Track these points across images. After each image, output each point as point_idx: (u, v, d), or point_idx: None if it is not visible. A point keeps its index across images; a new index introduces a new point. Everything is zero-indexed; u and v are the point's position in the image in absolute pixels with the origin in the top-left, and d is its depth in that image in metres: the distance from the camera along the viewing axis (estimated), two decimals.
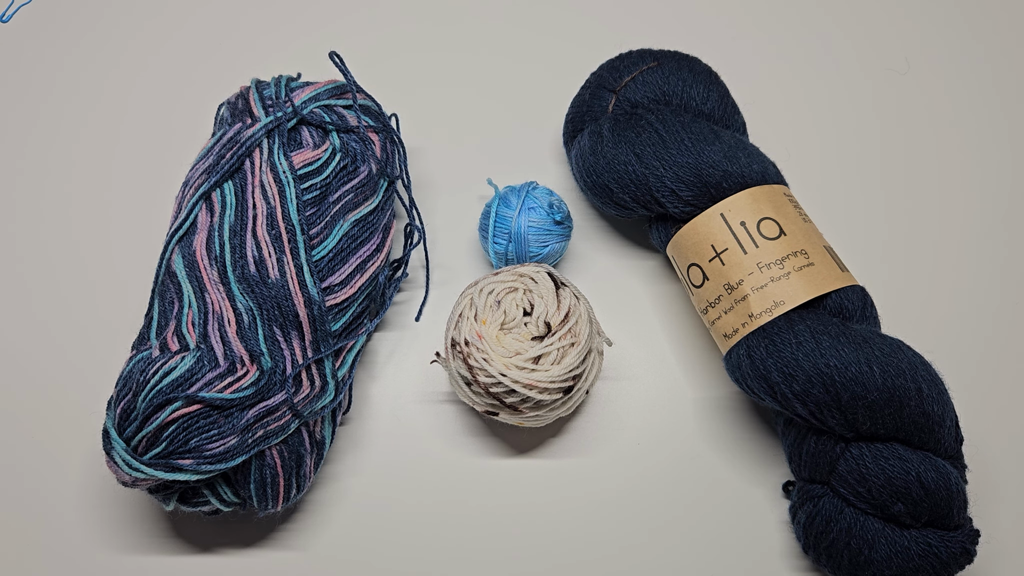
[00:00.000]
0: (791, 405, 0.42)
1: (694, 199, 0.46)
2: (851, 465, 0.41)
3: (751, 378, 0.43)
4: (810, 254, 0.44)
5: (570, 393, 0.44)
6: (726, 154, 0.46)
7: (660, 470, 0.49)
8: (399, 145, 0.52)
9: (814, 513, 0.42)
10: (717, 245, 0.45)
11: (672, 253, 0.48)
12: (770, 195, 0.46)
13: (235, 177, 0.47)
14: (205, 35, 0.63)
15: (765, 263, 0.43)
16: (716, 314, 0.45)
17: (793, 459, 0.45)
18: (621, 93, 0.50)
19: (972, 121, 0.59)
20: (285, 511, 0.47)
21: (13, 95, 0.61)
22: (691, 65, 0.50)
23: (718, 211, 0.45)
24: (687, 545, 0.47)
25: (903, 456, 0.40)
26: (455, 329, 0.45)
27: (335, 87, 0.51)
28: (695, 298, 0.47)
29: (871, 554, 0.41)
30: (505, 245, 0.50)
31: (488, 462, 0.49)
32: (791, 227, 0.45)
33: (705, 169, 0.46)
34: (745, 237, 0.44)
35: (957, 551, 0.40)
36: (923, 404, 0.40)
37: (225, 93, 0.54)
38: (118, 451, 0.41)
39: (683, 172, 0.46)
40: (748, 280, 0.44)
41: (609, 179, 0.48)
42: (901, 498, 0.40)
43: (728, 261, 0.44)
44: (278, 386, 0.43)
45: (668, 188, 0.46)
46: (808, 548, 0.43)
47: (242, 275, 0.44)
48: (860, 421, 0.40)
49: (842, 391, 0.40)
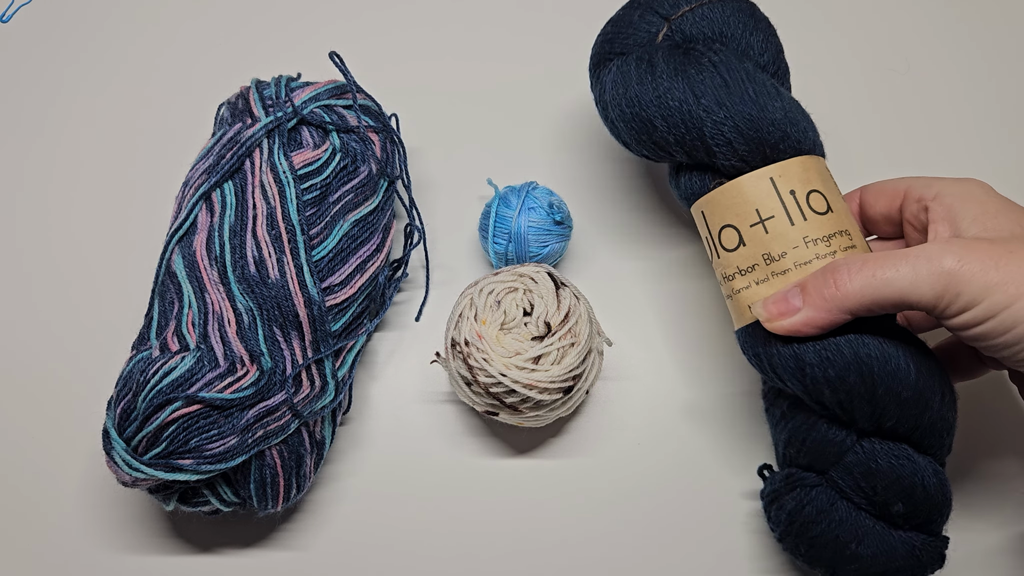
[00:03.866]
0: (819, 390, 0.40)
1: (748, 155, 0.42)
2: (860, 459, 0.40)
3: (778, 356, 0.41)
4: (853, 236, 0.42)
5: (570, 393, 0.44)
6: (787, 115, 0.42)
7: (660, 470, 0.49)
8: (399, 145, 0.52)
9: (805, 502, 0.42)
10: (763, 211, 0.41)
11: (703, 209, 0.44)
12: (818, 167, 0.43)
13: (235, 177, 0.47)
14: (205, 35, 0.63)
15: (812, 238, 0.40)
16: (745, 283, 0.42)
17: (792, 444, 0.43)
18: (675, 23, 0.45)
19: (972, 121, 0.59)
20: (285, 511, 0.47)
21: (13, 95, 0.61)
22: (753, 11, 0.47)
23: (768, 175, 0.42)
24: (687, 545, 0.47)
25: (912, 458, 0.40)
26: (455, 329, 0.45)
27: (335, 87, 0.51)
28: (721, 262, 0.43)
29: (858, 549, 0.40)
30: (505, 245, 0.50)
31: (488, 462, 0.49)
32: (837, 204, 0.42)
33: (766, 126, 0.42)
34: (794, 207, 0.41)
35: (935, 556, 0.41)
36: (942, 410, 0.40)
37: (225, 93, 0.54)
38: (118, 451, 0.41)
39: (743, 124, 0.42)
40: (792, 254, 0.40)
41: (655, 114, 0.43)
42: (904, 499, 0.40)
43: (772, 230, 0.41)
44: (278, 386, 0.43)
45: (725, 138, 0.42)
46: (786, 536, 0.43)
47: (242, 275, 0.44)
48: (887, 417, 0.39)
49: (879, 383, 0.38)
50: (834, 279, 0.38)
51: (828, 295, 0.38)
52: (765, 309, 0.40)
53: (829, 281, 0.38)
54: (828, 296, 0.38)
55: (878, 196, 0.44)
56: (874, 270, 0.37)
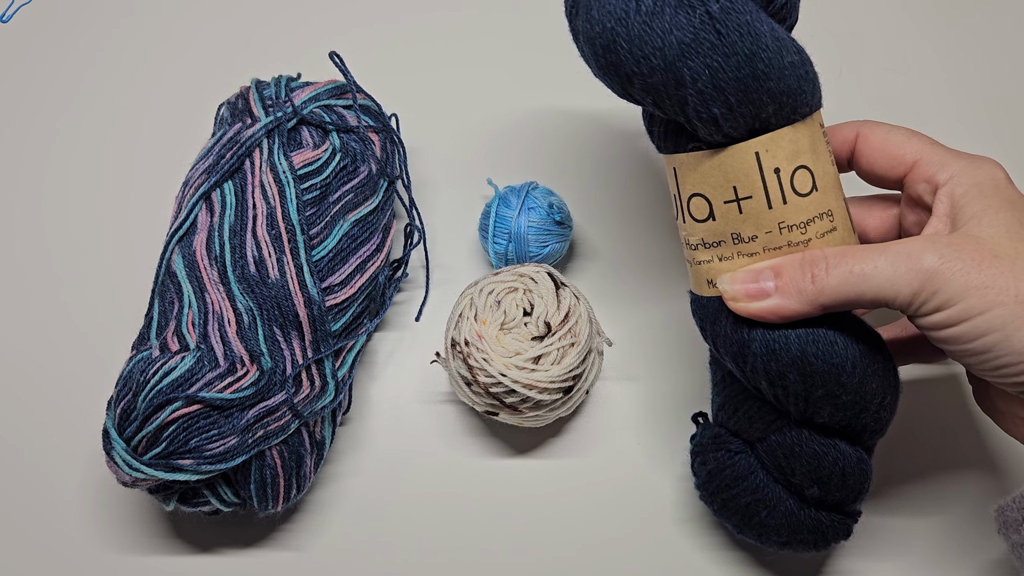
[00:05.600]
0: (755, 379, 0.39)
1: (734, 129, 0.36)
2: (785, 441, 0.40)
3: (723, 336, 0.39)
4: (835, 216, 0.38)
5: (570, 393, 0.44)
6: (784, 79, 0.36)
7: (660, 470, 0.49)
8: (399, 145, 0.52)
9: (725, 464, 0.42)
10: (741, 189, 0.37)
11: (676, 167, 0.40)
12: (811, 133, 0.38)
13: (235, 177, 0.47)
14: (205, 35, 0.63)
15: (788, 224, 0.37)
16: (707, 256, 0.39)
17: (725, 409, 0.42)
18: None
19: (973, 121, 0.59)
20: (285, 511, 0.47)
21: (13, 95, 0.61)
22: None
23: (753, 148, 0.37)
24: (688, 545, 0.47)
25: (840, 448, 0.39)
26: (455, 329, 0.45)
27: (335, 87, 0.51)
28: (686, 227, 0.40)
29: (766, 517, 0.41)
30: (505, 245, 0.50)
31: (488, 462, 0.49)
32: (824, 180, 0.38)
33: (761, 95, 0.35)
34: (775, 188, 0.37)
35: (841, 530, 0.41)
36: (880, 413, 0.39)
37: (225, 93, 0.54)
38: (118, 451, 0.41)
39: (734, 94, 0.35)
40: (763, 239, 0.38)
41: (633, 67, 0.36)
42: (820, 484, 0.39)
43: (747, 210, 0.38)
44: (278, 386, 0.43)
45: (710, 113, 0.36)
46: (702, 488, 0.43)
47: (242, 275, 0.44)
48: (820, 415, 0.38)
49: (818, 386, 0.37)
50: (812, 272, 0.36)
51: (804, 288, 0.36)
52: (732, 287, 0.38)
53: (807, 273, 0.36)
54: (804, 289, 0.36)
55: (880, 155, 0.41)
56: (852, 265, 0.35)
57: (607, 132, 0.58)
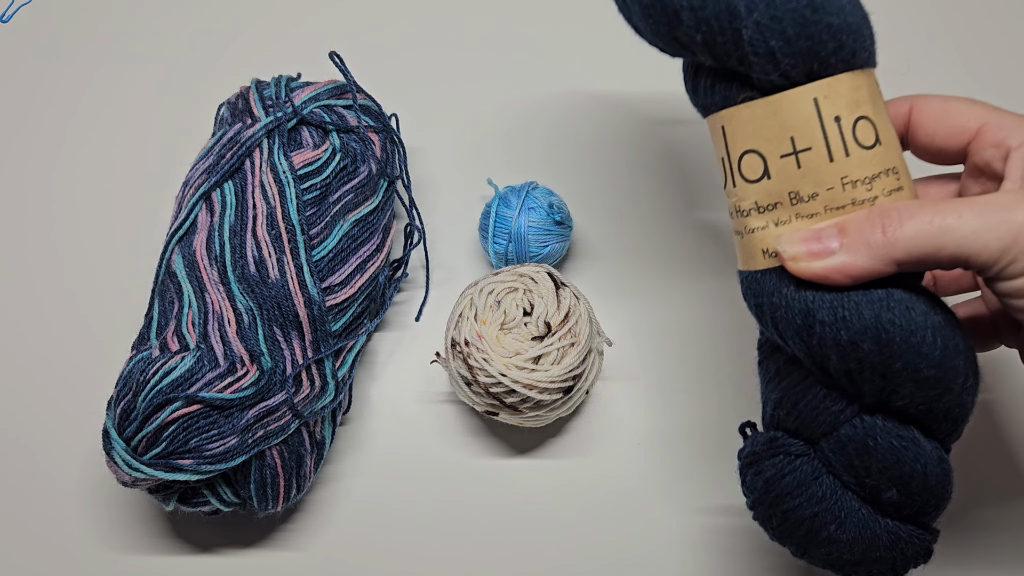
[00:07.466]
0: (825, 354, 0.34)
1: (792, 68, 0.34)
2: (857, 434, 0.35)
3: (785, 308, 0.35)
4: (901, 177, 0.35)
5: (570, 393, 0.44)
6: (846, 18, 0.34)
7: (660, 470, 0.49)
8: (399, 145, 0.52)
9: (786, 470, 0.37)
10: (799, 140, 0.34)
11: (725, 124, 0.37)
12: (870, 84, 0.35)
13: (235, 177, 0.47)
14: (205, 35, 0.63)
15: (851, 179, 0.34)
16: (762, 222, 0.36)
17: (782, 406, 0.38)
18: None
19: None
20: (285, 511, 0.47)
21: (13, 95, 0.61)
22: None
23: (812, 94, 0.34)
24: (688, 544, 0.47)
25: (918, 442, 0.35)
26: (455, 329, 0.45)
27: (335, 87, 0.51)
28: (737, 191, 0.37)
29: (835, 532, 0.36)
30: (505, 245, 0.50)
31: (488, 462, 0.49)
32: (887, 134, 0.35)
33: (820, 32, 0.33)
34: (836, 138, 0.34)
35: (921, 551, 0.37)
36: (963, 394, 0.35)
37: (225, 93, 0.54)
38: (118, 451, 0.41)
39: (792, 28, 0.33)
40: (824, 197, 0.34)
41: (682, 3, 0.34)
42: (899, 486, 0.35)
43: (806, 164, 0.34)
44: (278, 386, 0.43)
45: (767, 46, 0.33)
46: (759, 504, 0.38)
47: (242, 275, 0.44)
48: (899, 395, 0.34)
49: (897, 357, 0.33)
50: (883, 223, 0.32)
51: (874, 241, 0.32)
52: (791, 246, 0.34)
53: (877, 225, 0.32)
54: (873, 242, 0.32)
55: (939, 124, 0.37)
56: (931, 215, 0.31)
57: (608, 132, 0.58)
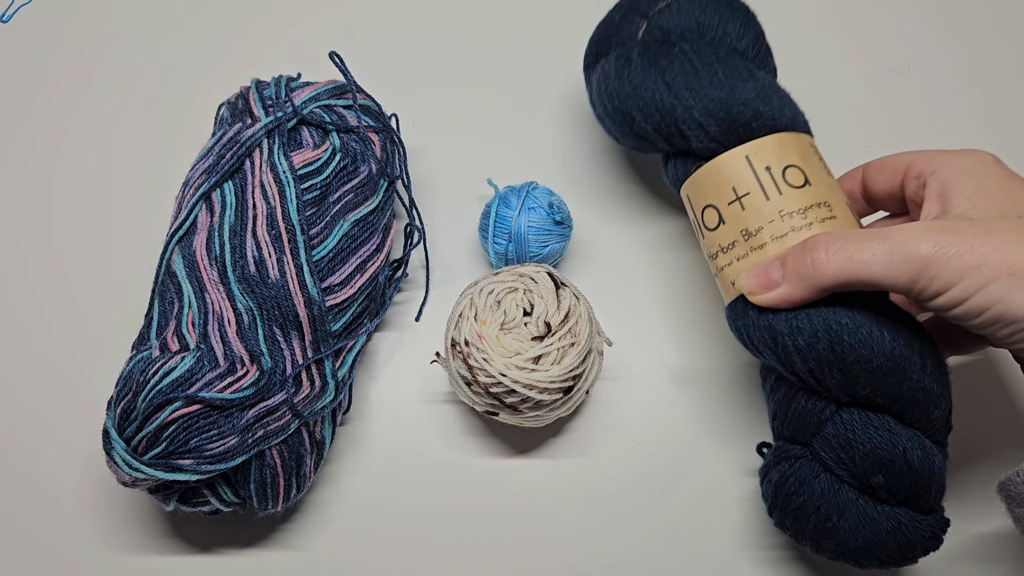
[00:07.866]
0: (791, 359, 0.40)
1: (721, 136, 0.44)
2: (838, 429, 0.40)
3: (754, 327, 0.41)
4: (833, 207, 0.42)
5: (570, 393, 0.44)
6: (759, 94, 0.44)
7: (660, 470, 0.49)
8: (399, 145, 0.52)
9: (788, 473, 0.42)
10: (739, 188, 0.43)
11: (688, 192, 0.46)
12: (797, 143, 0.43)
13: (235, 177, 0.47)
14: (205, 35, 0.63)
15: (787, 212, 0.41)
16: (727, 260, 0.43)
17: (778, 417, 0.43)
18: (653, 19, 0.48)
19: (973, 122, 0.59)
20: (285, 511, 0.47)
21: (13, 95, 0.61)
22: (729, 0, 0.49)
23: (743, 153, 0.43)
24: (688, 544, 0.47)
25: (893, 429, 0.40)
26: (455, 329, 0.45)
27: (335, 87, 0.51)
28: (706, 242, 0.45)
29: (839, 521, 0.40)
30: (505, 245, 0.50)
31: (488, 462, 0.49)
32: (816, 177, 0.43)
33: (736, 106, 0.43)
34: (769, 183, 0.42)
35: (926, 535, 0.40)
36: (924, 380, 0.39)
37: (225, 93, 0.54)
38: (118, 451, 0.41)
39: (713, 106, 0.44)
40: (768, 228, 0.41)
41: (633, 106, 0.46)
42: (882, 470, 0.39)
43: (748, 206, 0.42)
44: (278, 386, 0.43)
45: (695, 121, 0.44)
46: (775, 509, 0.43)
47: (242, 275, 0.44)
48: (860, 386, 0.39)
49: (848, 352, 0.39)
50: (811, 257, 0.38)
51: (805, 273, 0.38)
52: (747, 282, 0.41)
53: (807, 259, 0.38)
54: (805, 274, 0.38)
55: (879, 173, 0.44)
56: (851, 251, 0.37)
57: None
